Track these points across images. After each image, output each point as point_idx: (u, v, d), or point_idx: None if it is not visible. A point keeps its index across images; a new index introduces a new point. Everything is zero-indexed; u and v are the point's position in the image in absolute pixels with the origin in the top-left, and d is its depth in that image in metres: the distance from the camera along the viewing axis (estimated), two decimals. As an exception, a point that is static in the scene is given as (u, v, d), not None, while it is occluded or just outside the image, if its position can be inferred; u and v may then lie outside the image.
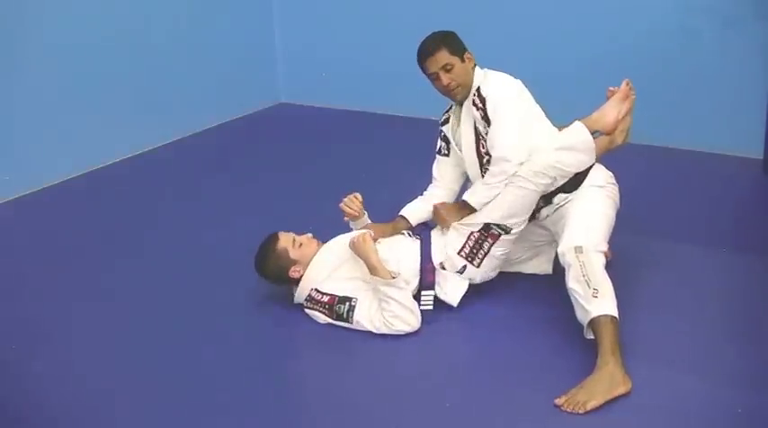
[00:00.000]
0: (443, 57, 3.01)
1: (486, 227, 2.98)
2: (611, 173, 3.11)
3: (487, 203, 2.98)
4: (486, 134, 3.01)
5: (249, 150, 5.03)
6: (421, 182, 3.33)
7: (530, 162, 2.92)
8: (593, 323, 2.63)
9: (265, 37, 5.81)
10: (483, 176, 3.07)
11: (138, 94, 4.87)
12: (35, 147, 4.32)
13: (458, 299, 2.99)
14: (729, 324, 2.94)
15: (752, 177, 4.27)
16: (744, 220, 3.80)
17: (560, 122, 3.15)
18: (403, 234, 3.15)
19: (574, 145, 2.95)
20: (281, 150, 5.02)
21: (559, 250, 2.83)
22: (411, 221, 3.21)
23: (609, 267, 2.98)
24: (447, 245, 3.04)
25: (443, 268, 3.03)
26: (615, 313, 2.64)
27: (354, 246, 2.91)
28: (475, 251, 3.01)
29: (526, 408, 2.51)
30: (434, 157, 3.30)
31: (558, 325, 2.92)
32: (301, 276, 3.00)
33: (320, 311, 2.93)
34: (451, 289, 3.00)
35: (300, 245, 3.03)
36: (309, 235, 3.10)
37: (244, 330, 2.99)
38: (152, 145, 5.02)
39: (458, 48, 3.05)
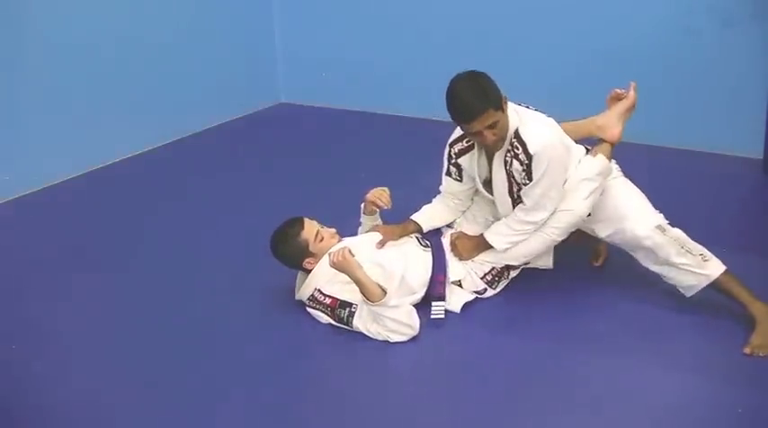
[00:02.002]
0: (490, 116, 2.75)
1: (510, 264, 3.07)
2: (617, 166, 3.16)
3: (510, 248, 3.01)
4: (522, 182, 2.89)
5: (249, 150, 5.03)
6: (421, 181, 3.32)
7: (562, 214, 2.92)
8: (717, 283, 2.86)
9: (265, 37, 5.81)
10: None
11: (138, 94, 4.87)
12: (35, 147, 4.32)
13: (460, 307, 3.01)
14: (729, 323, 2.93)
15: (752, 177, 4.27)
16: (744, 220, 3.80)
17: (561, 120, 3.15)
18: (412, 238, 3.12)
19: (601, 184, 2.97)
20: (281, 150, 5.02)
21: (636, 234, 2.90)
22: (423, 227, 3.15)
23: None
24: (468, 266, 3.06)
25: (461, 286, 3.04)
26: (725, 266, 2.88)
27: (336, 266, 2.81)
28: (497, 279, 3.09)
29: (527, 407, 2.51)
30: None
31: (559, 324, 2.93)
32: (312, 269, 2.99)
33: (323, 311, 2.93)
34: (456, 300, 3.02)
35: (322, 239, 3.01)
36: (333, 230, 3.08)
37: (246, 330, 2.99)
38: (152, 145, 5.01)
39: (498, 98, 2.77)
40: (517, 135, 2.85)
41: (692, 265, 2.87)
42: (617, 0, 4.64)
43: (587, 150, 3.06)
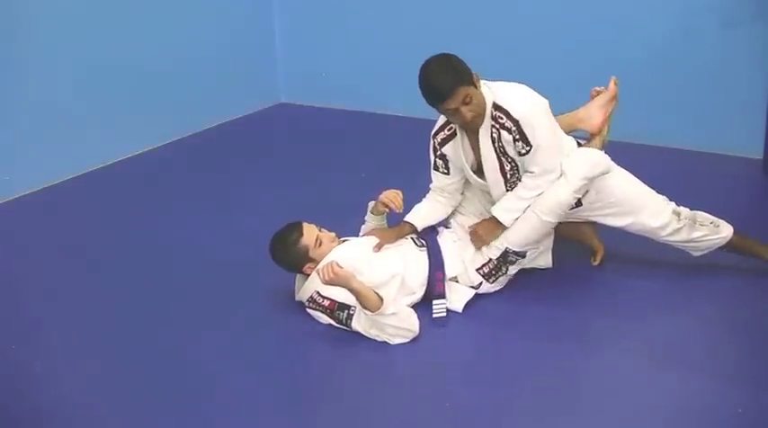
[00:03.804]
0: (462, 92, 2.78)
1: (505, 255, 3.03)
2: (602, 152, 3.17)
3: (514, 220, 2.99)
4: (518, 151, 2.89)
5: (249, 150, 5.03)
6: (421, 181, 3.32)
7: (556, 194, 2.91)
8: (732, 242, 3.16)
9: (265, 37, 5.80)
10: (508, 191, 3.01)
11: (138, 94, 4.86)
12: (35, 147, 4.32)
13: (462, 306, 3.00)
14: (729, 323, 2.94)
15: (752, 177, 4.27)
16: (744, 220, 3.79)
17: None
18: (407, 239, 3.12)
19: (594, 175, 2.97)
20: (281, 150, 5.02)
21: (654, 226, 3.05)
22: (417, 227, 3.15)
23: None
24: (466, 260, 3.06)
25: (457, 281, 3.04)
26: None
27: (329, 283, 2.78)
28: (494, 272, 3.07)
29: (527, 407, 2.51)
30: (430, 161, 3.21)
31: (559, 323, 2.93)
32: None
33: (322, 313, 2.93)
34: (456, 299, 3.02)
35: (321, 243, 3.01)
36: (333, 234, 3.07)
37: (246, 330, 2.99)
38: (152, 145, 5.01)
39: (468, 73, 2.82)
40: (496, 106, 2.88)
41: (708, 234, 3.13)
42: (617, 0, 4.64)
43: (579, 144, 3.10)
